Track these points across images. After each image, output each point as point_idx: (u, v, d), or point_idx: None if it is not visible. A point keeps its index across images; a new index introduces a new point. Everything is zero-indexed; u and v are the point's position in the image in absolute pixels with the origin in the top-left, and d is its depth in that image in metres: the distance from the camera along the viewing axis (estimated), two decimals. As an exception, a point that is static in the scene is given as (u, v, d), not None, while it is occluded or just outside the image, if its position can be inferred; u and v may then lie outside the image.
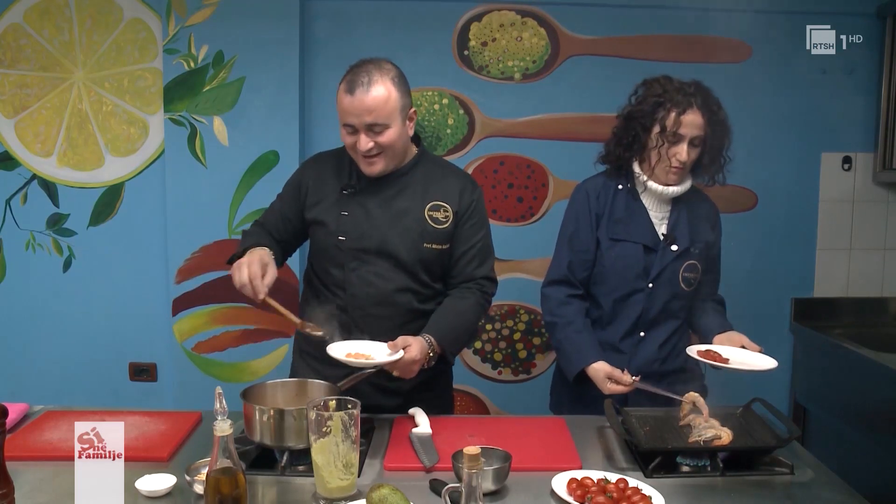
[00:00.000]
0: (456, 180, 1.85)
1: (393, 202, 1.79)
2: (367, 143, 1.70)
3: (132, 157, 2.88)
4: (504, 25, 2.85)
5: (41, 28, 2.81)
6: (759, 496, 1.43)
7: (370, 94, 1.67)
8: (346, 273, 1.80)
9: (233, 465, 1.20)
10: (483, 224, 1.87)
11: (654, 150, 1.86)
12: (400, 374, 1.67)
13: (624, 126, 1.93)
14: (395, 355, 1.62)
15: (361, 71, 1.69)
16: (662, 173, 1.88)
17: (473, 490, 1.10)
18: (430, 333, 1.72)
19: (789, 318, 2.96)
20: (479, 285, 1.85)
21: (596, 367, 1.85)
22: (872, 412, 2.43)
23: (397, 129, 1.72)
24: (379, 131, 1.70)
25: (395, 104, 1.70)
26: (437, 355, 1.73)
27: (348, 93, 1.68)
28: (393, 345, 1.65)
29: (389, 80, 1.70)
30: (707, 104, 1.84)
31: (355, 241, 1.78)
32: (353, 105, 1.67)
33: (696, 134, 1.83)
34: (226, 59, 2.75)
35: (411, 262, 1.78)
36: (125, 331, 2.93)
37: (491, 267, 1.88)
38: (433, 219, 1.79)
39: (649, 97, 1.87)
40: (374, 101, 1.67)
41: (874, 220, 2.96)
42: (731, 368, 1.73)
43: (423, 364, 1.69)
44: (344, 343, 1.70)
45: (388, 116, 1.69)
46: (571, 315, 1.93)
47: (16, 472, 1.31)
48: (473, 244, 1.84)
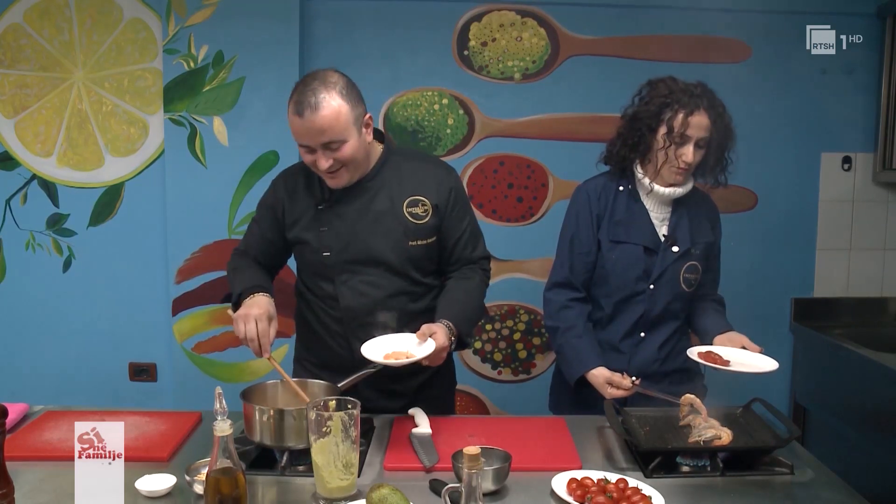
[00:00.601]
0: (430, 170, 1.82)
1: (370, 207, 1.76)
2: (326, 161, 1.65)
3: (132, 157, 2.88)
4: (504, 25, 2.85)
5: (41, 28, 2.81)
6: (759, 496, 1.43)
7: (319, 113, 1.60)
8: (336, 286, 1.78)
9: (233, 465, 1.20)
10: (467, 208, 1.85)
11: (661, 151, 1.85)
12: (429, 363, 1.63)
13: (629, 127, 1.92)
14: (428, 345, 1.59)
15: (307, 90, 1.61)
16: (668, 174, 1.87)
17: (473, 490, 1.10)
18: (446, 317, 1.69)
19: (789, 318, 2.96)
20: (479, 265, 1.85)
21: (595, 374, 1.85)
22: (872, 412, 2.43)
23: (354, 141, 1.66)
24: (336, 148, 1.64)
25: (346, 118, 1.63)
26: (456, 339, 1.70)
27: (297, 115, 1.62)
28: (421, 334, 1.61)
29: (337, 93, 1.62)
30: (713, 106, 1.84)
31: (340, 254, 1.76)
32: (305, 127, 1.62)
33: (702, 135, 1.83)
34: (226, 59, 2.75)
35: (400, 263, 1.76)
36: (125, 331, 2.94)
37: (484, 246, 1.88)
38: (413, 215, 1.77)
39: (655, 98, 1.86)
40: (324, 120, 1.60)
41: (874, 221, 2.96)
42: (731, 370, 1.73)
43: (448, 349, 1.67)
44: (374, 342, 1.65)
45: (342, 132, 1.63)
46: (572, 319, 1.92)
47: (16, 472, 1.31)
48: (464, 230, 1.82)
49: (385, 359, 1.58)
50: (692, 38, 2.84)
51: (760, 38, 2.86)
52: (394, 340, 1.67)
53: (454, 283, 1.81)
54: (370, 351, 1.61)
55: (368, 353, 1.60)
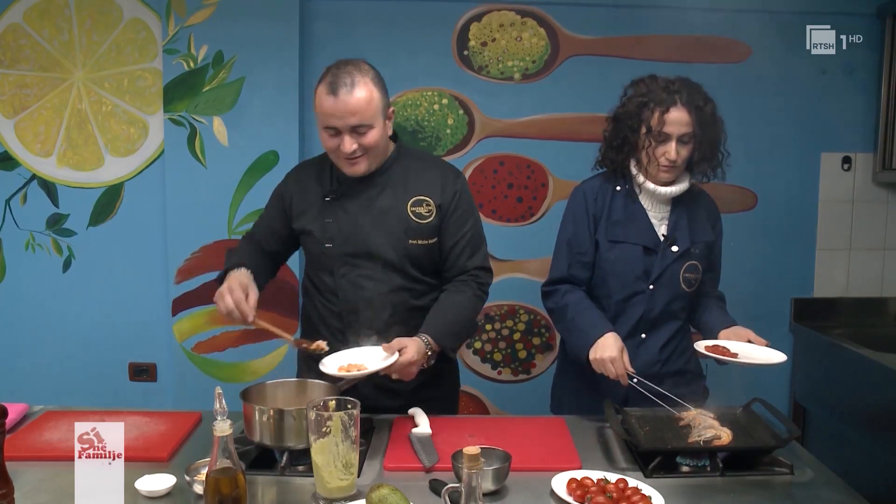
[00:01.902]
0: (436, 172, 1.83)
1: (375, 202, 1.78)
2: (351, 145, 1.68)
3: (132, 157, 2.88)
4: (504, 25, 2.85)
5: (41, 28, 2.81)
6: (759, 496, 1.43)
7: (354, 95, 1.65)
8: (336, 279, 1.80)
9: (233, 466, 1.20)
10: (470, 213, 1.85)
11: (644, 151, 1.85)
12: (398, 377, 1.66)
13: (613, 128, 1.92)
14: (389, 360, 1.61)
15: (342, 72, 1.67)
16: (655, 173, 1.87)
17: (473, 490, 1.10)
18: (427, 332, 1.70)
19: (789, 318, 2.96)
20: (474, 276, 1.84)
21: (611, 338, 1.78)
22: (872, 412, 2.43)
23: (379, 129, 1.71)
24: (363, 132, 1.69)
25: (377, 105, 1.69)
26: (436, 354, 1.72)
27: (331, 94, 1.66)
28: (388, 347, 1.63)
29: (370, 80, 1.69)
30: (692, 100, 1.81)
31: (341, 247, 1.78)
32: (337, 107, 1.65)
33: (683, 131, 1.81)
34: (226, 59, 2.75)
35: (398, 260, 1.77)
36: (125, 331, 2.93)
37: (484, 256, 1.87)
38: (416, 214, 1.78)
39: (634, 98, 1.87)
40: (358, 103, 1.66)
41: (874, 221, 2.96)
42: (740, 362, 1.72)
43: (422, 364, 1.68)
44: (337, 355, 1.68)
45: (371, 117, 1.68)
46: (581, 297, 1.90)
47: (16, 472, 1.31)
48: (462, 235, 1.82)
49: (339, 371, 1.60)
50: (692, 38, 2.84)
51: (760, 38, 2.85)
52: (359, 353, 1.69)
53: (445, 296, 1.81)
54: (330, 363, 1.64)
55: (326, 367, 1.62)
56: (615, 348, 1.76)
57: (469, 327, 1.88)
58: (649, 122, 1.82)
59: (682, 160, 1.84)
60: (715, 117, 1.85)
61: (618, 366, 1.75)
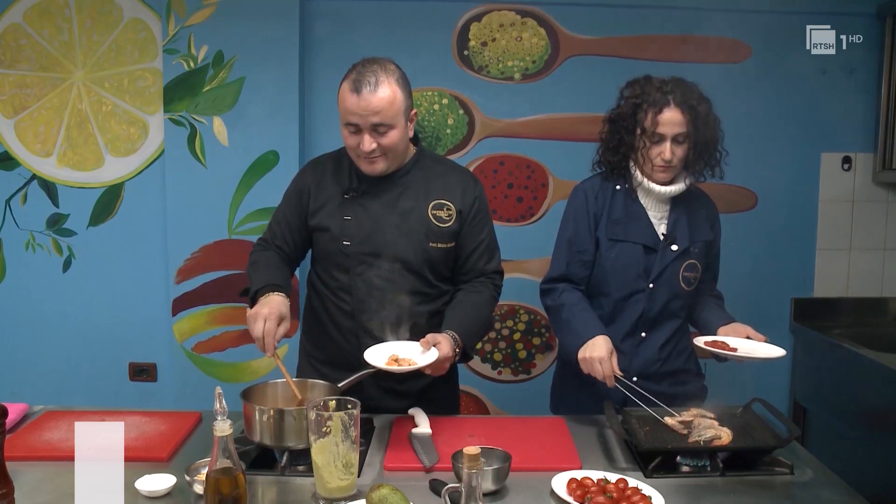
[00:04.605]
0: (457, 177, 1.85)
1: (396, 203, 1.78)
2: (370, 143, 1.68)
3: (132, 157, 2.88)
4: (504, 25, 2.85)
5: (41, 28, 2.81)
6: (759, 496, 1.43)
7: (377, 94, 1.65)
8: (351, 277, 1.79)
9: (233, 466, 1.20)
10: (487, 219, 1.87)
11: (639, 152, 1.86)
12: (432, 373, 1.64)
13: (609, 130, 1.93)
14: (431, 354, 1.60)
15: (367, 71, 1.67)
16: (651, 173, 1.88)
17: (473, 490, 1.10)
18: (452, 329, 1.70)
19: (789, 318, 2.96)
20: (491, 279, 1.85)
21: (602, 340, 1.78)
22: (872, 412, 2.43)
23: (400, 130, 1.71)
24: (383, 132, 1.68)
25: (399, 105, 1.69)
26: (461, 350, 1.71)
27: (354, 92, 1.66)
28: (425, 342, 1.62)
29: (395, 80, 1.69)
30: (686, 100, 1.81)
31: (360, 245, 1.77)
32: (360, 105, 1.65)
33: (677, 131, 1.82)
34: (226, 59, 2.75)
35: (418, 263, 1.77)
36: (125, 331, 2.94)
37: (499, 261, 1.89)
38: (437, 217, 1.78)
39: (629, 99, 1.88)
40: (381, 102, 1.65)
41: (874, 220, 2.96)
42: (740, 357, 1.72)
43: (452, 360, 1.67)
44: (377, 347, 1.66)
45: (393, 117, 1.68)
46: (577, 299, 1.91)
47: (16, 472, 1.31)
48: (481, 240, 1.83)
49: (387, 364, 1.59)
50: (692, 38, 2.84)
51: (760, 38, 2.85)
52: (398, 347, 1.67)
53: (464, 295, 1.81)
54: (373, 355, 1.62)
55: (371, 358, 1.60)
56: (604, 349, 1.77)
57: (487, 326, 1.89)
58: (643, 123, 1.83)
59: (677, 160, 1.84)
60: (710, 116, 1.85)
61: (605, 366, 1.75)
